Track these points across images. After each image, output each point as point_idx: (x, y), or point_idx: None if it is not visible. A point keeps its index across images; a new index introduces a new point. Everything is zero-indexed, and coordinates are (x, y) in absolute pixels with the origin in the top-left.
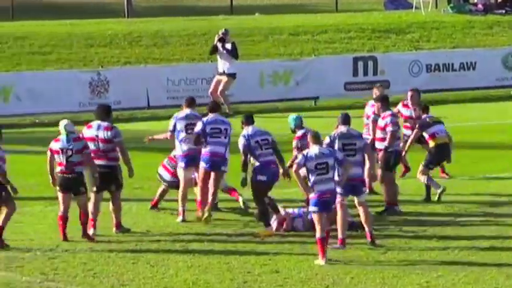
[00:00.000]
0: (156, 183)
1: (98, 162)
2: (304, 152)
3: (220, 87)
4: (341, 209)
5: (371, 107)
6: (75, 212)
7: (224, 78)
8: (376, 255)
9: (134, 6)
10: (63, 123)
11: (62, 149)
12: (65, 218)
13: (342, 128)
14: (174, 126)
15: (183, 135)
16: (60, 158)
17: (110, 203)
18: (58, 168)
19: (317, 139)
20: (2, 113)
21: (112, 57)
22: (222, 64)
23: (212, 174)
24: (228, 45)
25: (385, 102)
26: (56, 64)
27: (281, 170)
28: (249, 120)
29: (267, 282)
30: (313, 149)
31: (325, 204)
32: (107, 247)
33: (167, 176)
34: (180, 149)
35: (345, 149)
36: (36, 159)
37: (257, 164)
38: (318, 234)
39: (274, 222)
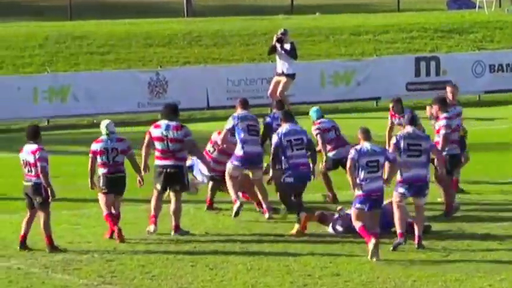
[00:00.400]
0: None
1: (165, 162)
2: (357, 147)
3: (280, 88)
4: (399, 209)
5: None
6: (129, 214)
7: (283, 79)
8: (437, 257)
9: (193, 5)
10: (105, 123)
11: (106, 149)
12: (112, 215)
13: (408, 128)
14: (234, 125)
15: (245, 135)
16: (104, 159)
17: (171, 204)
18: (103, 170)
19: (367, 135)
20: (59, 114)
21: (171, 57)
22: (281, 64)
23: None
24: (287, 46)
25: (443, 104)
26: (114, 64)
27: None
28: (287, 117)
29: (327, 286)
30: (365, 145)
31: (373, 203)
32: (165, 249)
33: (205, 171)
34: (240, 149)
35: (410, 149)
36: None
37: (286, 165)
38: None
39: (336, 224)
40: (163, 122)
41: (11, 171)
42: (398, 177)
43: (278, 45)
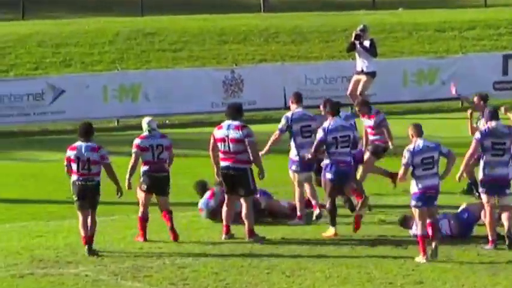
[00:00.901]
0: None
1: (226, 163)
2: (409, 146)
3: (360, 88)
4: (490, 209)
5: None
6: (198, 218)
7: (363, 78)
8: None
9: (270, 0)
10: (146, 119)
11: (151, 146)
12: (145, 219)
13: (493, 124)
14: (287, 127)
15: (300, 139)
16: (148, 156)
17: (242, 209)
18: (145, 167)
19: (420, 131)
20: (130, 113)
21: (247, 54)
22: (361, 62)
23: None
24: (366, 43)
25: None
26: (187, 62)
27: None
28: (334, 109)
29: None
30: (418, 143)
31: (430, 200)
32: (240, 255)
33: None
34: (295, 154)
35: (494, 148)
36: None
37: (327, 161)
38: (419, 232)
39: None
40: (225, 123)
41: None
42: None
43: (357, 43)
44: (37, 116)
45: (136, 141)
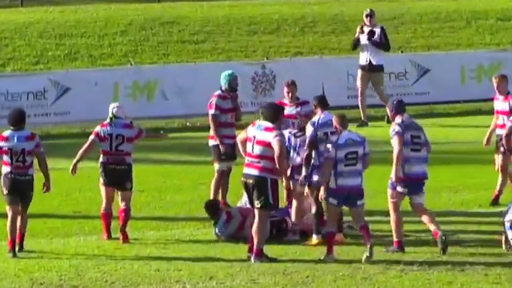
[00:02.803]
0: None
1: (246, 170)
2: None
3: (378, 91)
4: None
5: None
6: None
7: (373, 76)
8: None
9: None
10: (112, 105)
11: (110, 135)
12: (108, 215)
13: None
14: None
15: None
16: (106, 146)
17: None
18: (102, 159)
19: (345, 123)
20: (144, 114)
21: (280, 46)
22: (367, 55)
23: None
24: (377, 30)
25: None
26: (211, 55)
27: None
28: (323, 103)
29: None
30: (343, 135)
31: (349, 200)
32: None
33: None
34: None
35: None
36: (187, 170)
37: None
38: (328, 229)
39: None
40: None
41: (86, 183)
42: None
43: (362, 39)
44: (38, 117)
45: (97, 128)
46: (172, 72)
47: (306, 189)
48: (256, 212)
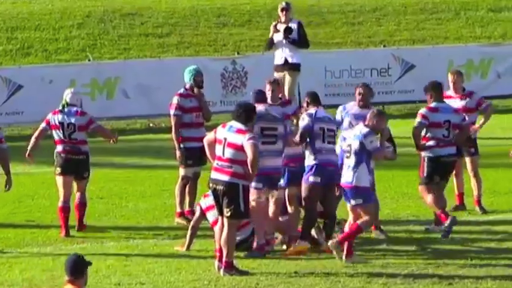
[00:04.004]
0: None
1: (215, 175)
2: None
3: (286, 90)
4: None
5: None
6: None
7: (287, 75)
8: None
9: None
10: (67, 91)
11: (62, 123)
12: (66, 209)
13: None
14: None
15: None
16: (59, 135)
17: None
18: (59, 147)
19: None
20: (104, 114)
21: (251, 40)
22: (282, 53)
23: None
24: (293, 25)
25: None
26: (177, 50)
27: None
28: (316, 100)
29: None
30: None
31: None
32: None
33: None
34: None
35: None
36: (151, 175)
37: (312, 161)
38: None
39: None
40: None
41: (40, 189)
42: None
43: (281, 39)
44: None
45: (49, 115)
46: (134, 68)
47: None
48: (225, 220)
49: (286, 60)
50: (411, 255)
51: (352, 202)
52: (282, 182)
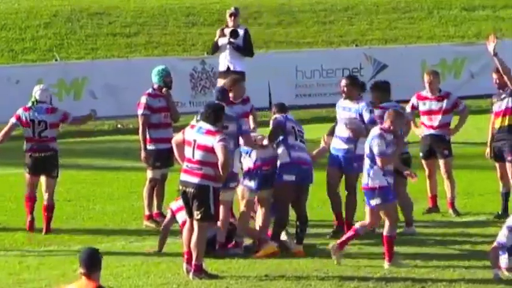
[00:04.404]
0: None
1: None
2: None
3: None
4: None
5: None
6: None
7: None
8: None
9: None
10: (36, 87)
11: (32, 121)
12: (33, 199)
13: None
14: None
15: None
16: (28, 133)
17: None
18: (27, 146)
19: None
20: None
21: None
22: (226, 60)
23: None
24: (240, 32)
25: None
26: (145, 50)
27: None
28: (283, 109)
29: None
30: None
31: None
32: None
33: None
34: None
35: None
36: (119, 177)
37: (285, 159)
38: None
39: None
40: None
41: (7, 192)
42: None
43: (226, 42)
44: None
45: (19, 110)
46: (102, 68)
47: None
48: (195, 223)
49: (229, 68)
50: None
51: (372, 203)
52: (253, 184)
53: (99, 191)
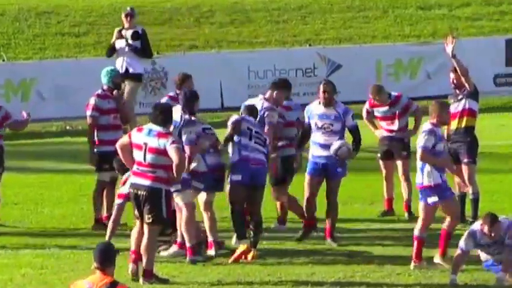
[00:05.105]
0: None
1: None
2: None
3: (126, 97)
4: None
5: None
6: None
7: (128, 84)
8: None
9: None
10: None
11: None
12: None
13: None
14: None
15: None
16: None
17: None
18: None
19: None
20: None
21: (172, 39)
22: (123, 62)
23: None
24: (129, 33)
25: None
26: (94, 50)
27: None
28: (252, 112)
29: None
30: None
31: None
32: None
33: None
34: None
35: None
36: (68, 180)
37: (233, 158)
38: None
39: None
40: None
41: None
42: None
43: (124, 44)
44: None
45: None
46: (50, 69)
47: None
48: (145, 227)
49: (127, 70)
50: (338, 263)
51: (429, 200)
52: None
53: (47, 194)
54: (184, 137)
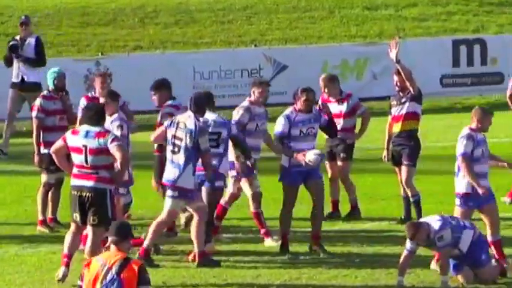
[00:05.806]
0: None
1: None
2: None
3: (9, 107)
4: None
5: None
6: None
7: (25, 94)
8: None
9: None
10: None
11: None
12: None
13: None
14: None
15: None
16: None
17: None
18: None
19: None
20: None
21: (116, 40)
22: (18, 70)
23: None
24: (31, 40)
25: None
26: None
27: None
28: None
29: None
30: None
31: None
32: None
33: None
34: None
35: None
36: (12, 182)
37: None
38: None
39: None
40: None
41: None
42: None
43: (13, 55)
44: None
45: None
46: None
47: None
48: (89, 229)
49: (23, 79)
50: (284, 266)
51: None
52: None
53: None
54: (202, 147)
